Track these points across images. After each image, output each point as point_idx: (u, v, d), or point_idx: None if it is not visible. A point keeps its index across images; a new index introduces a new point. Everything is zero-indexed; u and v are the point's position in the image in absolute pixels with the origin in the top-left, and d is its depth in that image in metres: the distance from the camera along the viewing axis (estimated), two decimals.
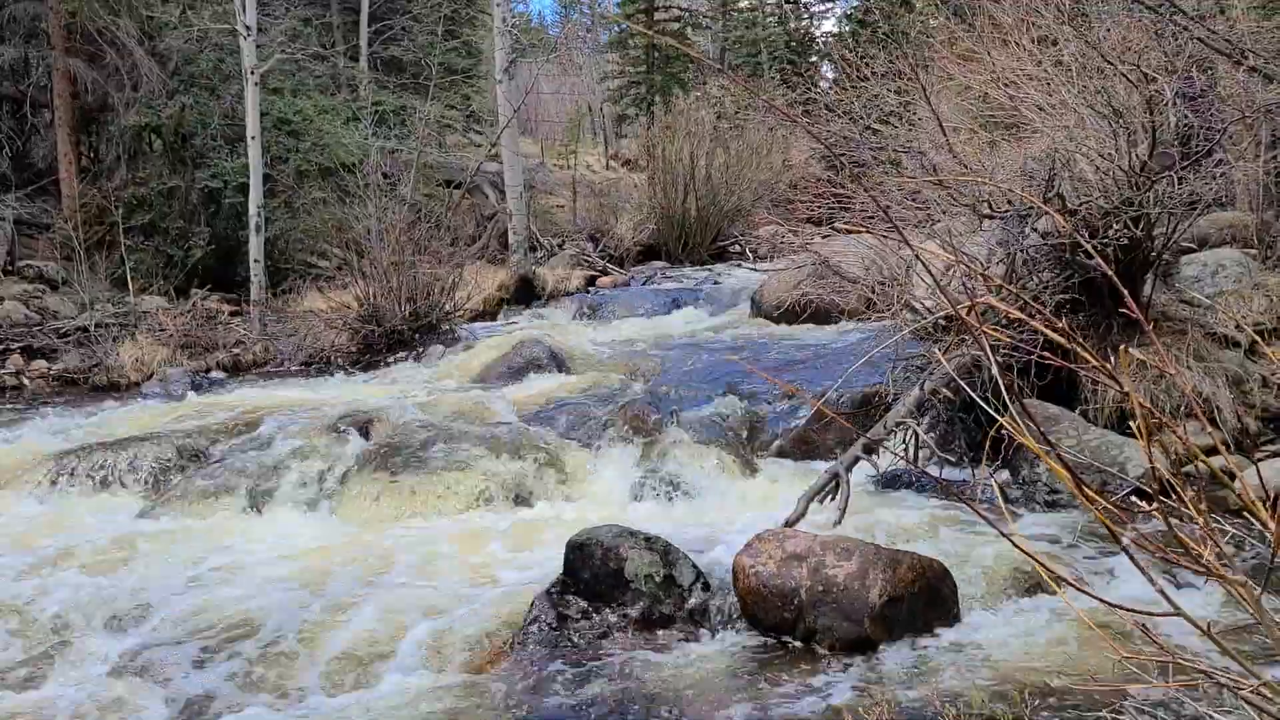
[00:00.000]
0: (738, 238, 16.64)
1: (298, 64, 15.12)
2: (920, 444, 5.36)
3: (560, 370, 8.07)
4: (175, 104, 13.06)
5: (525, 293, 13.45)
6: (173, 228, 12.77)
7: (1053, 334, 1.55)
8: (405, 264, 9.62)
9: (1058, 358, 1.81)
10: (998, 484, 5.08)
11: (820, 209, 7.25)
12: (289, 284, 12.10)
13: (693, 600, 3.87)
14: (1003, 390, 1.68)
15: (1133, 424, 1.59)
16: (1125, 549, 1.63)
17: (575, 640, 3.69)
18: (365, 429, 6.12)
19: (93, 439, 6.52)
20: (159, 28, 13.45)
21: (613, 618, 3.79)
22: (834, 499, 4.74)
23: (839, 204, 6.67)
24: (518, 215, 14.78)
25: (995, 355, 4.42)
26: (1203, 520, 1.52)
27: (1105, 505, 1.57)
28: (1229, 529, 1.95)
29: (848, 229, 6.48)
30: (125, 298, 11.16)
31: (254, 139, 11.44)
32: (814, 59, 27.42)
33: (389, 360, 9.48)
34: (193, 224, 12.94)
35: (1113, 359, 1.75)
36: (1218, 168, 5.54)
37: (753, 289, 11.12)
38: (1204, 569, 1.53)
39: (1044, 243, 5.56)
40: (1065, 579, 1.80)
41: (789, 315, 9.51)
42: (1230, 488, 1.55)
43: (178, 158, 13.26)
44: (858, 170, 6.78)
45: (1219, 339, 5.81)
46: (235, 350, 10.26)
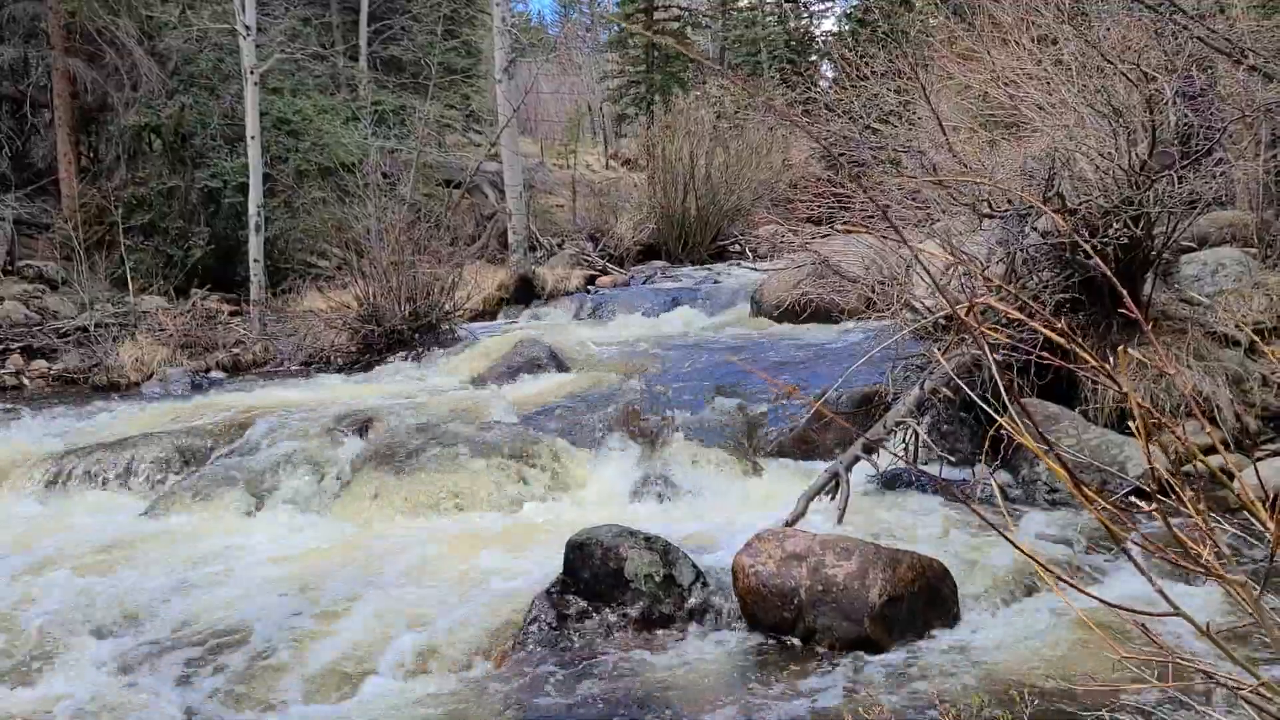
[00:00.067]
0: (737, 237, 16.64)
1: (297, 64, 15.12)
2: (920, 443, 5.35)
3: (560, 370, 8.07)
4: (175, 104, 13.06)
5: (525, 292, 13.45)
6: (172, 227, 12.77)
7: (1052, 334, 1.55)
8: (405, 264, 9.61)
9: (1057, 357, 1.81)
10: (997, 483, 5.08)
11: (820, 208, 7.24)
12: (289, 284, 12.09)
13: (692, 600, 3.87)
14: (1002, 390, 1.68)
15: (1132, 424, 1.59)
16: (1124, 549, 1.63)
17: (575, 640, 3.69)
18: (364, 429, 6.12)
19: (92, 439, 6.52)
20: (158, 27, 13.45)
21: (613, 617, 3.79)
22: (834, 498, 4.74)
23: (839, 203, 6.67)
24: (517, 215, 14.78)
25: (994, 355, 4.41)
26: (1202, 520, 1.52)
27: (1104, 505, 1.57)
28: (1228, 528, 1.95)
29: (847, 229, 6.48)
30: (125, 298, 11.16)
31: (254, 139, 11.44)
32: (813, 58, 27.43)
33: (389, 360, 9.47)
34: (192, 224, 12.94)
35: (1112, 358, 1.75)
36: (1217, 166, 5.53)
37: (752, 288, 11.12)
38: (1203, 569, 1.53)
39: (1044, 242, 5.56)
40: (1064, 579, 1.79)
41: (789, 315, 9.51)
42: (1229, 487, 1.55)
43: (177, 157, 13.26)
44: (857, 170, 6.77)
45: (1219, 338, 5.81)
46: (235, 350, 10.26)
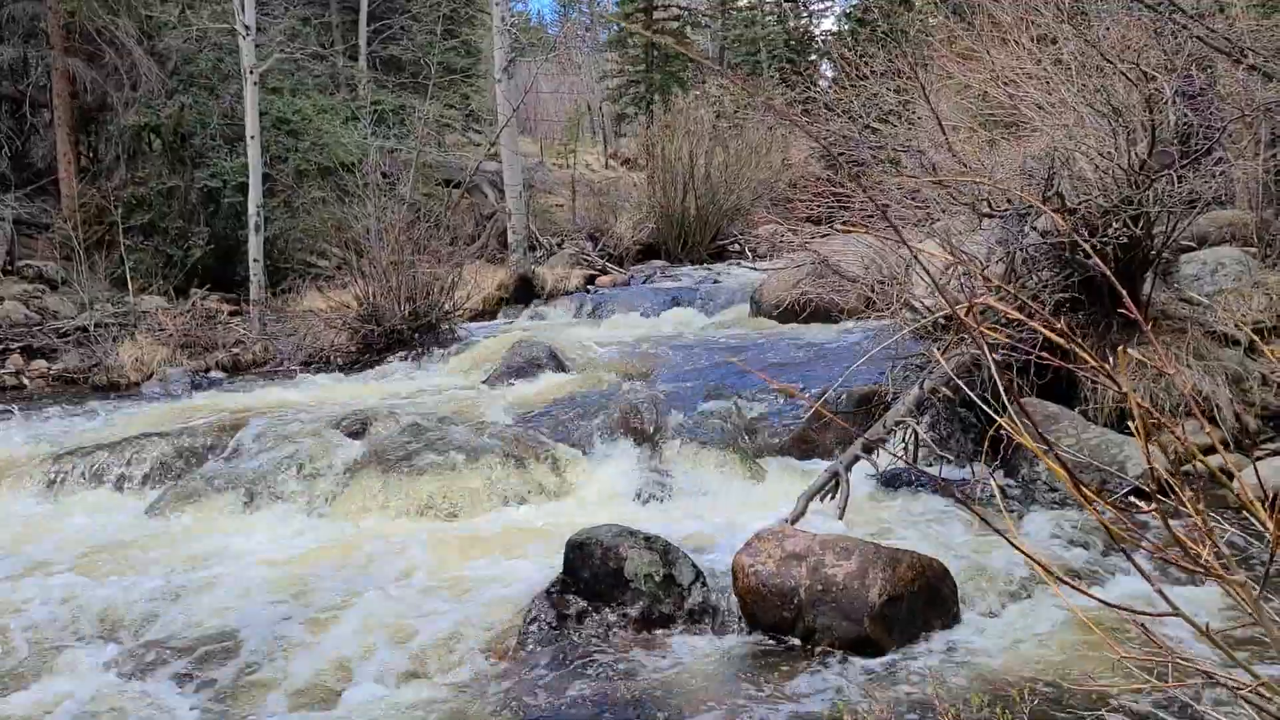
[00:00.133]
0: (737, 237, 16.65)
1: (297, 63, 15.12)
2: (920, 443, 5.35)
3: (559, 370, 8.06)
4: (174, 104, 13.07)
5: (524, 292, 13.45)
6: (172, 227, 12.77)
7: (1051, 334, 1.55)
8: (404, 263, 9.61)
9: (1057, 357, 1.81)
10: (997, 483, 5.08)
11: (819, 208, 7.25)
12: (288, 283, 12.09)
13: (692, 599, 3.87)
14: (1001, 390, 1.68)
15: (1131, 423, 1.59)
16: (1124, 548, 1.63)
17: (575, 640, 3.68)
18: (364, 429, 6.11)
19: (92, 439, 6.52)
20: (158, 27, 13.46)
21: (612, 617, 3.79)
22: (834, 498, 4.74)
23: (838, 203, 6.67)
24: (517, 214, 14.78)
25: (994, 354, 4.41)
26: (1201, 520, 1.52)
27: (1103, 505, 1.57)
28: (1228, 528, 1.95)
29: (847, 228, 6.48)
30: (125, 297, 11.16)
31: (253, 138, 11.44)
32: (813, 58, 27.45)
33: (388, 360, 9.48)
34: (192, 224, 12.94)
35: (1112, 358, 1.74)
36: (1217, 166, 5.53)
37: (752, 288, 11.13)
38: (1203, 569, 1.53)
39: (1043, 241, 5.55)
40: (1064, 578, 1.79)
41: (788, 314, 9.51)
42: (1229, 487, 1.55)
43: (177, 157, 13.26)
44: (857, 169, 6.77)
45: (1218, 337, 5.81)
46: (235, 350, 10.26)
